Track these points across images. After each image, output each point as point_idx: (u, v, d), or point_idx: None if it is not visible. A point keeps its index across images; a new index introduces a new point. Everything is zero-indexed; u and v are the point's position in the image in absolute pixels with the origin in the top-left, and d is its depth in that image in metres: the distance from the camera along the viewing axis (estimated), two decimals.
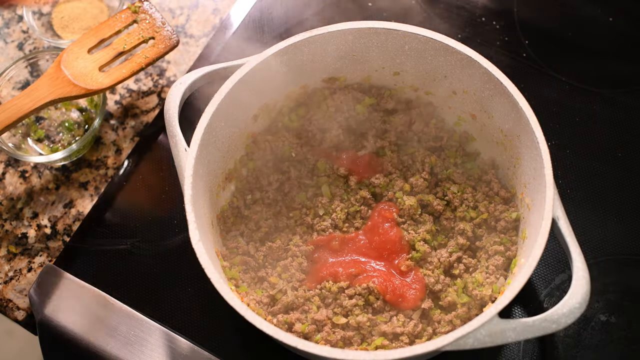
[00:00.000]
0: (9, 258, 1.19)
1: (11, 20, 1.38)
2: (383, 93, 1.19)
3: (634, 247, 1.14)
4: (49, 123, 1.26)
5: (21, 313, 1.15)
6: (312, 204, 1.14)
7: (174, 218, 1.18)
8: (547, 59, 1.29)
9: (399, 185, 1.13)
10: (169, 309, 1.12)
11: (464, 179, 1.14)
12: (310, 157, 1.17)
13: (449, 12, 1.34)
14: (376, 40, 1.10)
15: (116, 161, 1.25)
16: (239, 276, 1.06)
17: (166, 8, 1.38)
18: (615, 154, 1.21)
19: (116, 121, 1.28)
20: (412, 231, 1.10)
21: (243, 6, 1.36)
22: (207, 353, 1.07)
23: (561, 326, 0.89)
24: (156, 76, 1.32)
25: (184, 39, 1.35)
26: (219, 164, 1.10)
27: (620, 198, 1.17)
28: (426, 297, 1.06)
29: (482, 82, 1.07)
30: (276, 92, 1.14)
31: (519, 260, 1.01)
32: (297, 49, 1.08)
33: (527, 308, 1.10)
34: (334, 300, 1.05)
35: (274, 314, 1.04)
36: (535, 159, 1.00)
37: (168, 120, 1.05)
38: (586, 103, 1.25)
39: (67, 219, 1.21)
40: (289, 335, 0.90)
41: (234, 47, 1.32)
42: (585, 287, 0.91)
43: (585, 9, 1.34)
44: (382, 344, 1.01)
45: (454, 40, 1.07)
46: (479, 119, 1.13)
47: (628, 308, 1.10)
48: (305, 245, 1.10)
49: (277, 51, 1.07)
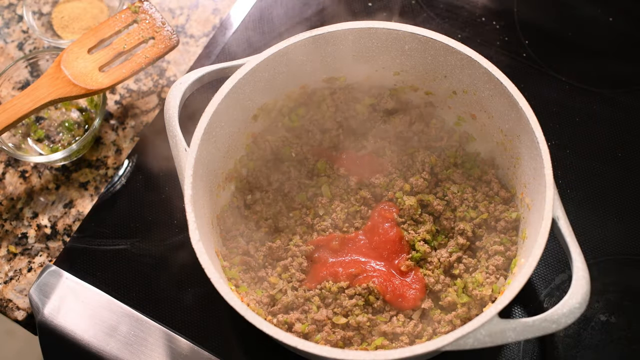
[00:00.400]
0: (9, 258, 1.19)
1: (11, 20, 1.38)
2: (383, 93, 1.19)
3: (634, 247, 1.14)
4: (49, 123, 1.26)
5: (21, 313, 1.15)
6: (312, 204, 1.14)
7: (174, 218, 1.17)
8: (547, 59, 1.29)
9: (399, 185, 1.13)
10: (169, 309, 1.12)
11: (464, 179, 1.14)
12: (310, 157, 1.17)
13: (449, 12, 1.34)
14: (376, 40, 1.10)
15: (116, 161, 1.25)
16: (239, 276, 1.06)
17: (166, 8, 1.38)
18: (615, 154, 1.21)
19: (116, 121, 1.28)
20: (412, 231, 1.10)
21: (243, 6, 1.36)
22: (207, 353, 1.07)
23: (561, 326, 0.89)
24: (156, 76, 1.32)
25: (184, 39, 1.35)
26: (219, 164, 1.10)
27: (620, 198, 1.17)
28: (426, 297, 1.06)
29: (482, 82, 1.07)
30: (276, 92, 1.14)
31: (519, 260, 1.01)
32: (297, 48, 1.08)
33: (527, 308, 1.10)
34: (334, 300, 1.05)
35: (274, 314, 1.04)
36: (535, 159, 1.00)
37: (168, 120, 1.05)
38: (586, 103, 1.25)
39: (67, 219, 1.21)
40: (289, 335, 0.90)
41: (234, 47, 1.32)
42: (585, 287, 0.91)
43: (585, 9, 1.34)
44: (382, 344, 1.01)
45: (454, 40, 1.07)
46: (479, 119, 1.13)
47: (628, 308, 1.10)
48: (305, 245, 1.10)
49: (277, 51, 1.07)
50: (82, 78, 1.17)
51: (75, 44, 1.19)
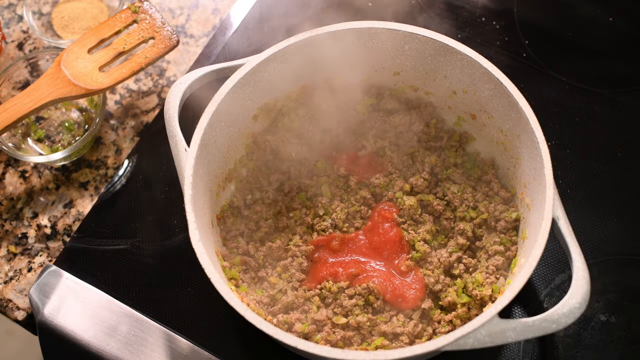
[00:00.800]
0: (9, 258, 1.19)
1: (11, 20, 1.38)
2: (383, 93, 1.19)
3: (634, 247, 1.14)
4: (49, 123, 1.26)
5: (21, 313, 1.15)
6: (312, 204, 1.14)
7: (174, 218, 1.17)
8: (547, 59, 1.29)
9: (399, 185, 1.13)
10: (169, 309, 1.12)
11: (464, 179, 1.14)
12: (310, 157, 1.17)
13: (449, 12, 1.34)
14: (376, 40, 1.10)
15: (116, 161, 1.25)
16: (239, 276, 1.06)
17: (166, 8, 1.38)
18: (615, 154, 1.21)
19: (116, 121, 1.28)
20: (412, 231, 1.10)
21: (243, 6, 1.36)
22: (207, 353, 1.07)
23: (561, 326, 0.89)
24: (156, 76, 1.32)
25: (184, 39, 1.35)
26: (219, 164, 1.10)
27: (620, 198, 1.17)
28: (426, 297, 1.06)
29: (482, 82, 1.07)
30: (276, 92, 1.14)
31: (519, 260, 1.01)
32: (297, 49, 1.08)
33: (527, 308, 1.10)
34: (334, 300, 1.05)
35: (274, 314, 1.04)
36: (535, 159, 1.00)
37: (168, 120, 1.05)
38: (586, 103, 1.25)
39: (67, 219, 1.21)
40: (289, 335, 0.90)
41: (234, 47, 1.32)
42: (585, 287, 0.91)
43: (585, 9, 1.34)
44: (382, 344, 1.01)
45: (454, 40, 1.07)
46: (479, 119, 1.13)
47: (628, 308, 1.10)
48: (305, 245, 1.10)
49: (277, 51, 1.07)
50: (82, 78, 1.17)
51: (75, 44, 1.19)
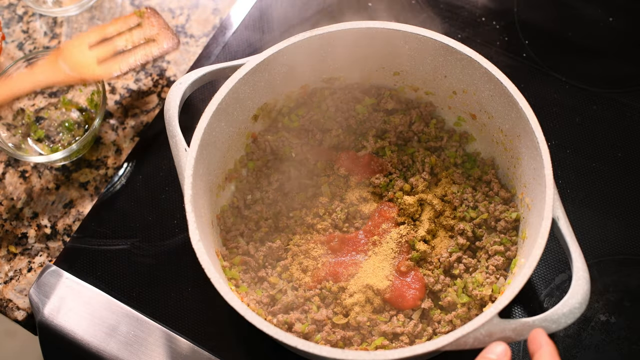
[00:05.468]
0: (9, 258, 1.19)
1: (11, 20, 1.38)
2: (383, 93, 1.19)
3: (634, 247, 1.14)
4: (49, 123, 1.26)
5: (21, 313, 1.15)
6: (312, 204, 1.14)
7: (174, 218, 1.18)
8: (547, 59, 1.29)
9: (399, 185, 1.13)
10: (169, 309, 1.12)
11: (464, 179, 1.14)
12: (310, 157, 1.17)
13: (449, 12, 1.34)
14: (376, 40, 1.10)
15: (116, 161, 1.25)
16: (239, 276, 1.06)
17: (166, 8, 1.38)
18: (615, 154, 1.21)
19: (116, 121, 1.28)
20: (412, 231, 1.10)
21: (243, 6, 1.36)
22: (207, 353, 1.07)
23: (561, 326, 0.89)
24: (156, 76, 1.32)
25: (184, 39, 1.35)
26: (219, 164, 1.10)
27: (620, 198, 1.17)
28: (426, 297, 1.06)
29: (482, 82, 1.07)
30: (276, 92, 1.14)
31: (519, 260, 1.01)
32: (297, 48, 1.08)
33: (527, 308, 1.10)
34: (334, 300, 1.05)
35: (274, 314, 1.04)
36: (535, 159, 1.00)
37: (168, 120, 1.05)
38: (586, 103, 1.25)
39: (67, 219, 1.21)
40: (289, 335, 0.90)
41: (234, 47, 1.32)
42: (585, 287, 0.91)
43: (585, 9, 1.34)
44: (382, 344, 1.01)
45: (454, 40, 1.07)
46: (479, 119, 1.13)
47: (628, 308, 1.10)
48: (305, 245, 1.10)
49: (277, 51, 1.07)
50: (79, 68, 1.17)
51: (77, 38, 1.20)
